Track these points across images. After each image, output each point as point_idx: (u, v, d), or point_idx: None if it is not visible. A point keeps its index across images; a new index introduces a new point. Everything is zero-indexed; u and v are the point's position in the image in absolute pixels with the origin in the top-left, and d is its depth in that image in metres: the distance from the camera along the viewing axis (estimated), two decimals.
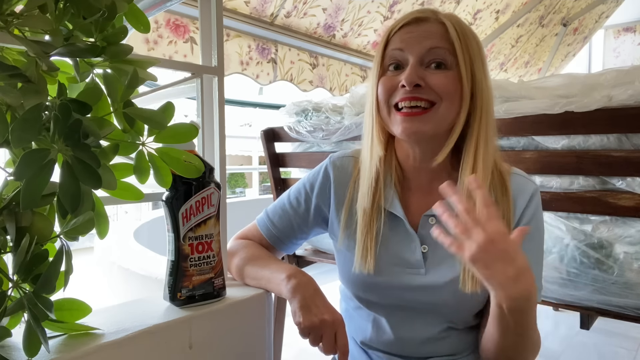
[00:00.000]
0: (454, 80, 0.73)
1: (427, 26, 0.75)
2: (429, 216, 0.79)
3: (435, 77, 0.73)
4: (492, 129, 0.77)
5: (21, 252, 0.45)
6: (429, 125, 0.74)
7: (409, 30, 0.76)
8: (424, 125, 0.73)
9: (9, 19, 0.45)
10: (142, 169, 0.58)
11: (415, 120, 0.73)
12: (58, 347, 0.54)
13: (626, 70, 1.08)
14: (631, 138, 1.06)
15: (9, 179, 0.49)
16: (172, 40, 2.11)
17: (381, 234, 0.80)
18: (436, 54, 0.73)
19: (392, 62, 0.77)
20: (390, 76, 0.76)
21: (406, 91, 0.73)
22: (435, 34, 0.74)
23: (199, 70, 0.78)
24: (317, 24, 2.75)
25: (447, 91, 0.73)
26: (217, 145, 0.81)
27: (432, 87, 0.72)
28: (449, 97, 0.73)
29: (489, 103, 0.76)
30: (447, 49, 0.73)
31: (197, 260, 0.69)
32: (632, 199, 1.06)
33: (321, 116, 1.66)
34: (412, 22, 0.76)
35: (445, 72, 0.73)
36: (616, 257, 1.09)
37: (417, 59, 0.73)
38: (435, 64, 0.73)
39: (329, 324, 0.69)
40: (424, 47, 0.73)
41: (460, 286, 0.74)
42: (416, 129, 0.73)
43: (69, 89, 0.56)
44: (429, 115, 0.73)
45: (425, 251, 0.79)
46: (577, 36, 5.17)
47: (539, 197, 0.79)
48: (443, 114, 0.73)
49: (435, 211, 0.64)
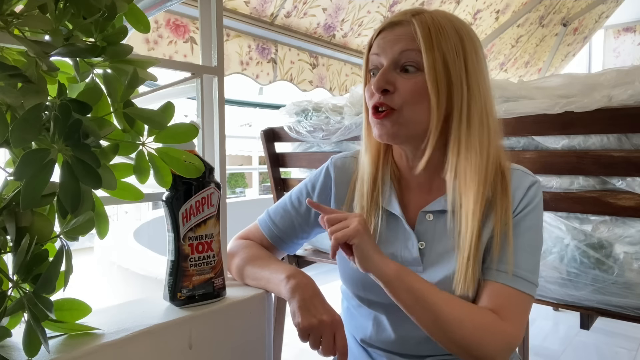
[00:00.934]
0: (421, 83, 0.73)
1: (400, 30, 0.75)
2: (427, 212, 0.80)
3: (402, 82, 0.74)
4: (479, 127, 0.74)
5: (21, 252, 0.45)
6: (396, 127, 0.75)
7: (384, 35, 0.77)
8: (391, 127, 0.75)
9: (9, 19, 0.45)
10: (142, 169, 0.58)
11: (382, 123, 0.75)
12: (58, 347, 0.54)
13: (626, 70, 1.08)
14: (631, 138, 1.06)
15: (9, 179, 0.49)
16: (172, 40, 2.11)
17: (378, 232, 0.81)
18: (408, 56, 0.73)
19: (372, 67, 0.79)
20: (370, 82, 0.78)
21: (377, 96, 0.75)
22: (406, 37, 0.74)
23: (199, 70, 0.78)
24: (317, 24, 2.75)
25: (412, 95, 0.73)
26: (217, 145, 0.81)
27: (400, 92, 0.74)
28: (413, 100, 0.73)
29: (473, 100, 0.74)
30: (418, 50, 0.73)
31: (197, 260, 0.69)
32: (632, 199, 1.06)
33: (321, 116, 1.66)
34: (388, 27, 0.77)
35: (415, 76, 0.73)
36: (616, 257, 1.08)
37: (390, 63, 0.75)
38: (406, 67, 0.74)
39: (328, 324, 0.69)
40: (395, 51, 0.74)
41: (454, 287, 0.74)
42: (385, 131, 0.75)
43: (69, 89, 0.56)
44: (393, 117, 0.74)
45: (423, 247, 0.79)
46: (577, 36, 5.17)
47: (537, 189, 0.77)
48: (409, 116, 0.74)
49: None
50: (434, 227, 0.79)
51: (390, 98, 0.74)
